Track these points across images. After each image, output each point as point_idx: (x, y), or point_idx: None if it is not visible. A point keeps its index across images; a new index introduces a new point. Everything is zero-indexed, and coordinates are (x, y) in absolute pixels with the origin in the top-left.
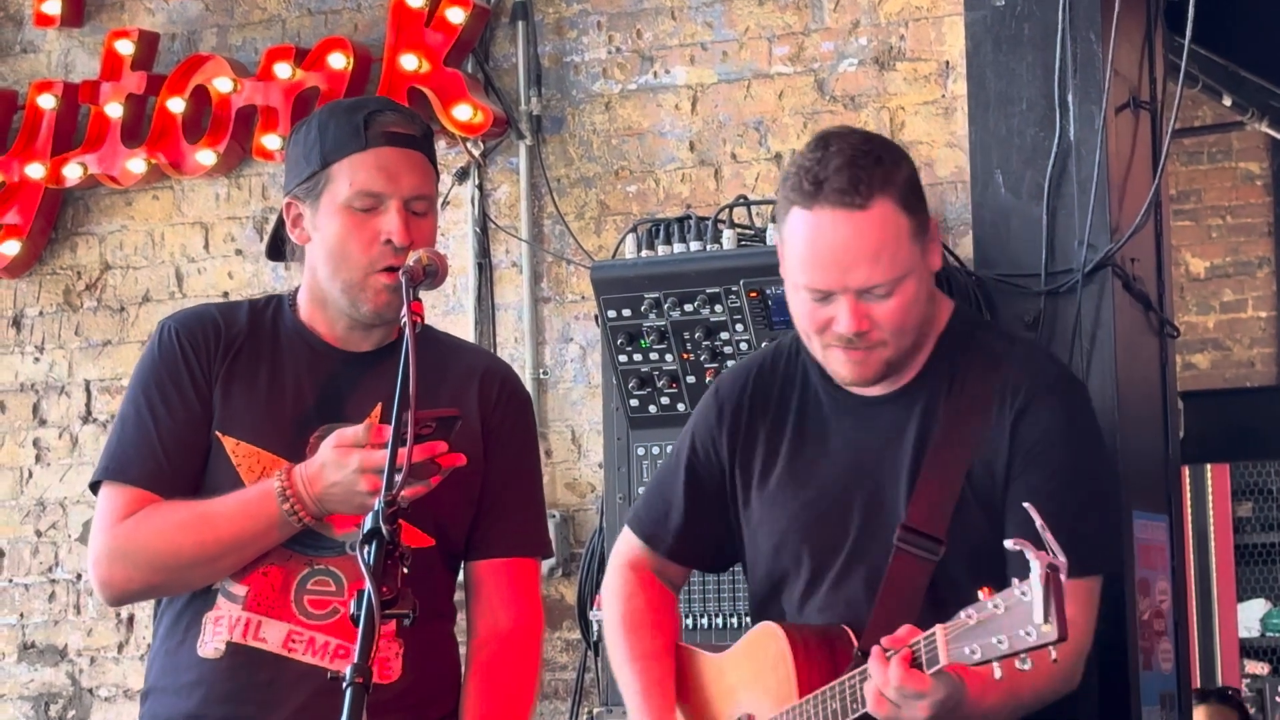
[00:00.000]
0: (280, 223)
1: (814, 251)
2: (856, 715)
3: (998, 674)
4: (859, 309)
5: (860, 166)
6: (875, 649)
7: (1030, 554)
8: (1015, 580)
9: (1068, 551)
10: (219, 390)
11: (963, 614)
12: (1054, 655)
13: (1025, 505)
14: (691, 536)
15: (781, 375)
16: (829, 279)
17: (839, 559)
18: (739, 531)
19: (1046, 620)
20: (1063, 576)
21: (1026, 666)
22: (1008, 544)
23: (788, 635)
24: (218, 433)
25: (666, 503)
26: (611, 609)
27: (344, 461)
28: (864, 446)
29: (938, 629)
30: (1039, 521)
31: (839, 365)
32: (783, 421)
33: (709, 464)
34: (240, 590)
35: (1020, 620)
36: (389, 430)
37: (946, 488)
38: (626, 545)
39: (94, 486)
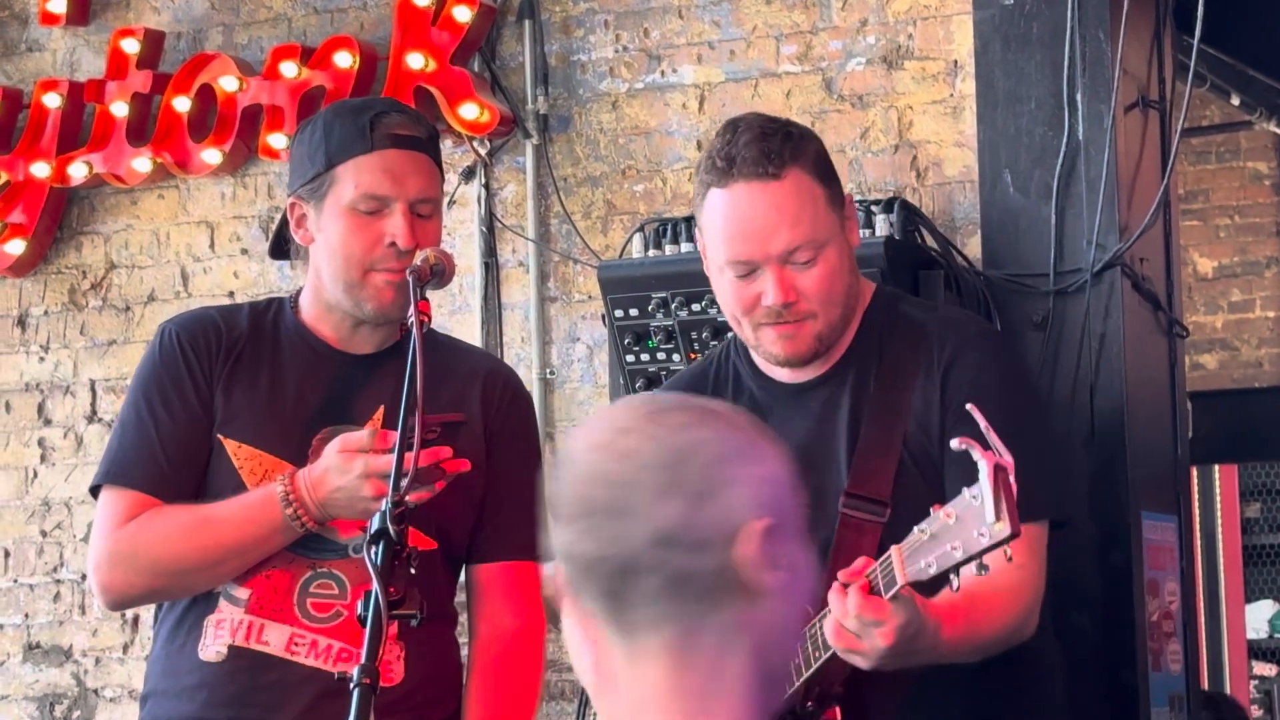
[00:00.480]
0: (284, 222)
1: (733, 225)
2: (820, 662)
3: (955, 585)
4: (785, 278)
5: (769, 140)
6: (834, 584)
7: (977, 453)
8: (964, 488)
9: None
10: (220, 393)
11: (916, 530)
12: (1009, 554)
13: (968, 407)
14: None
15: (713, 381)
16: (750, 249)
17: None
18: None
19: (999, 519)
20: (1011, 477)
21: (985, 573)
22: (953, 444)
23: None
24: (219, 436)
25: None
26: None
27: (348, 467)
28: (800, 431)
29: (892, 550)
30: (983, 423)
31: (771, 344)
32: None
33: None
34: (243, 593)
35: (973, 524)
36: (395, 436)
37: (886, 454)
38: None
39: (94, 491)
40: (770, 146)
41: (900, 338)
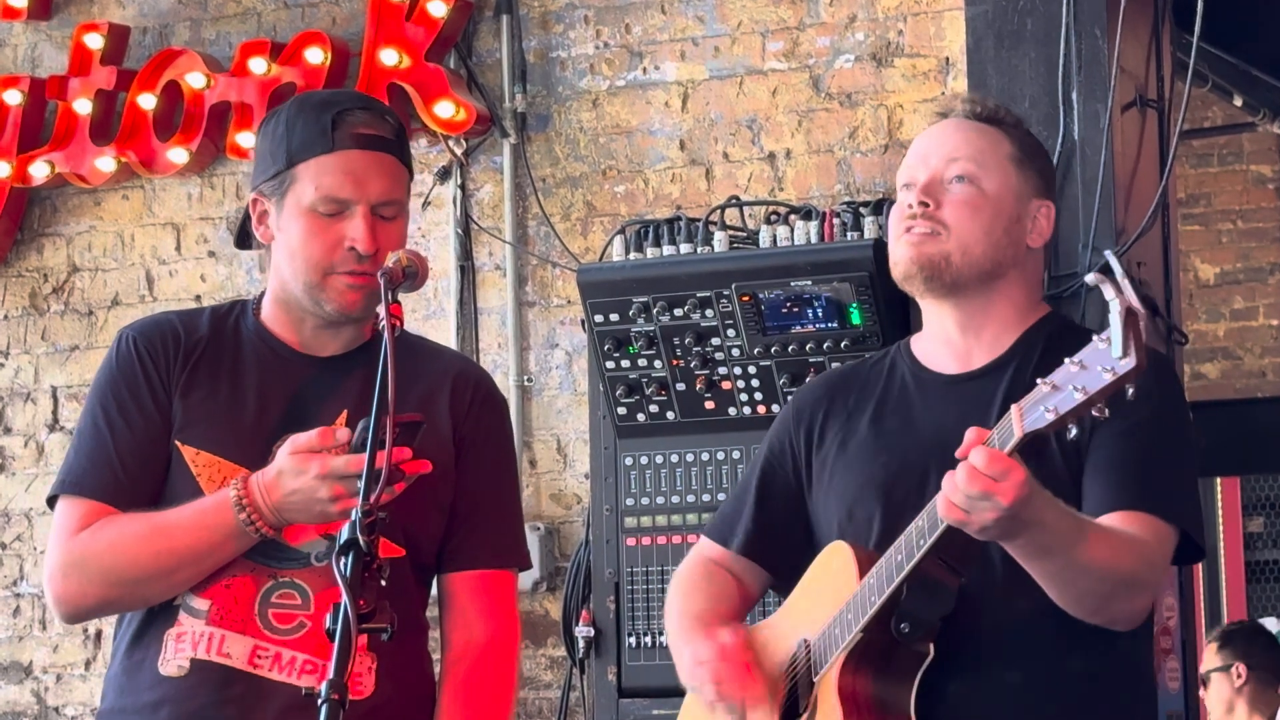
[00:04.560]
0: (247, 215)
1: (918, 144)
2: (924, 550)
3: (1072, 433)
4: (932, 185)
5: (1000, 105)
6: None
7: (1109, 291)
8: (1094, 336)
9: (1150, 491)
10: (179, 399)
11: (1039, 382)
12: (1130, 392)
13: (1106, 252)
14: (764, 532)
15: (866, 372)
16: (917, 165)
17: (914, 515)
18: (811, 523)
19: (1125, 354)
20: (1142, 323)
21: (1104, 415)
22: (1089, 278)
23: (852, 547)
24: (177, 442)
25: (740, 504)
26: (671, 588)
27: (303, 468)
28: (947, 416)
29: (1012, 407)
30: (1119, 271)
31: (902, 248)
32: (864, 405)
33: (784, 466)
34: (203, 604)
35: (1098, 362)
36: (341, 433)
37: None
38: (700, 547)
39: (51, 502)
40: (993, 104)
41: (1066, 344)
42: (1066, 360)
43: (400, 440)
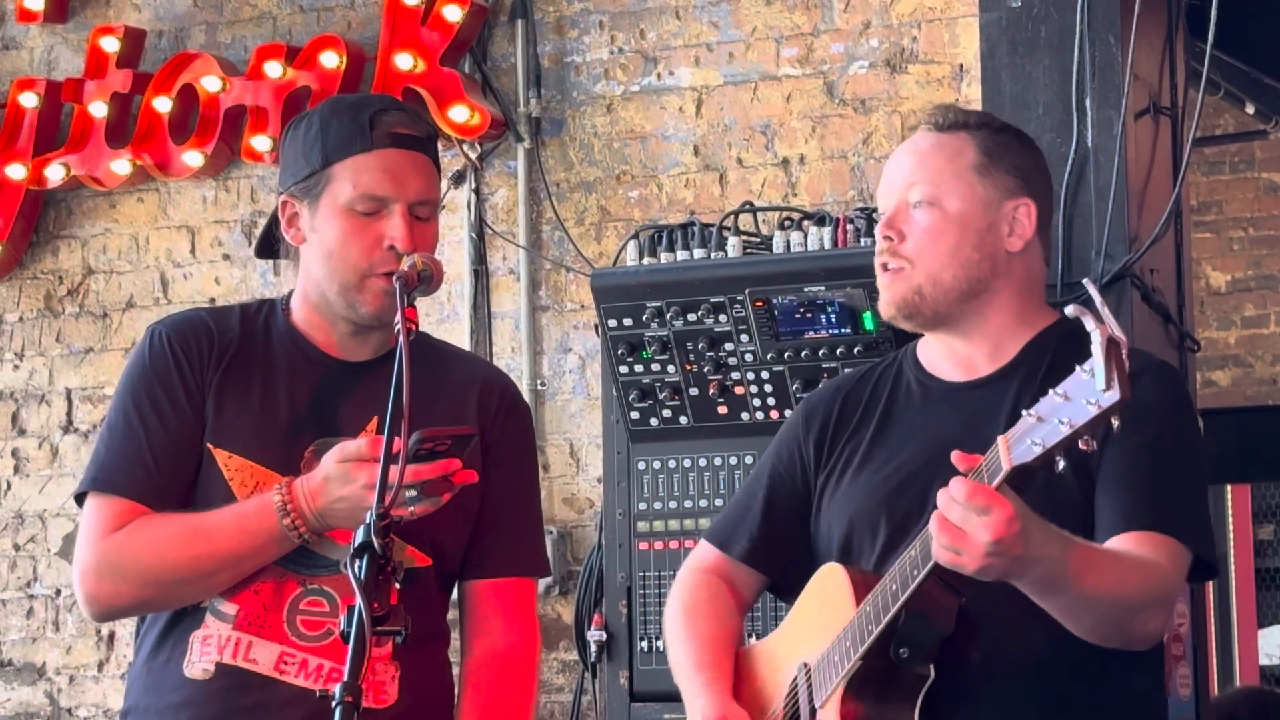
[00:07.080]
0: (273, 220)
1: (886, 169)
2: (918, 581)
3: (1060, 466)
4: (897, 215)
5: (965, 111)
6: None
7: (1090, 323)
8: (1076, 366)
9: (1162, 511)
10: (211, 400)
11: (1025, 413)
12: (1115, 424)
13: (1084, 281)
14: (768, 539)
15: (875, 380)
16: (885, 195)
17: (918, 526)
18: (813, 534)
19: (1109, 386)
20: (1124, 352)
21: (1092, 447)
22: (1068, 310)
23: (846, 569)
24: (209, 445)
25: (745, 510)
26: (673, 601)
27: (352, 476)
28: (953, 424)
29: (999, 439)
30: (1098, 299)
31: (881, 290)
32: (870, 416)
33: (793, 475)
34: (230, 609)
35: (1083, 395)
36: (392, 443)
37: None
38: (700, 553)
39: (79, 498)
40: (958, 111)
41: (1074, 353)
42: (1051, 391)
43: (451, 452)
